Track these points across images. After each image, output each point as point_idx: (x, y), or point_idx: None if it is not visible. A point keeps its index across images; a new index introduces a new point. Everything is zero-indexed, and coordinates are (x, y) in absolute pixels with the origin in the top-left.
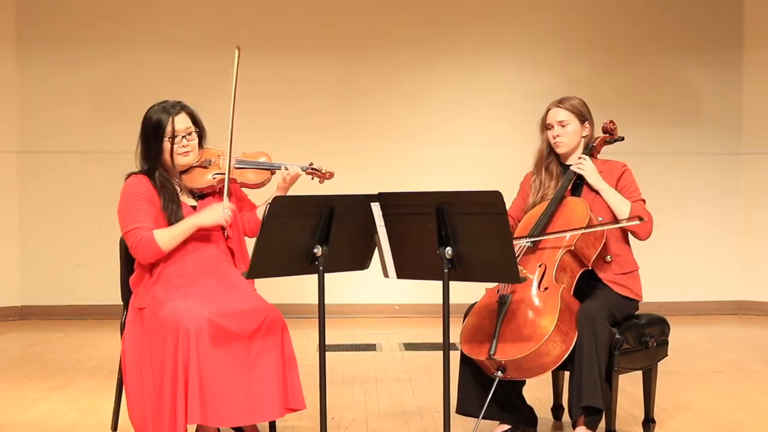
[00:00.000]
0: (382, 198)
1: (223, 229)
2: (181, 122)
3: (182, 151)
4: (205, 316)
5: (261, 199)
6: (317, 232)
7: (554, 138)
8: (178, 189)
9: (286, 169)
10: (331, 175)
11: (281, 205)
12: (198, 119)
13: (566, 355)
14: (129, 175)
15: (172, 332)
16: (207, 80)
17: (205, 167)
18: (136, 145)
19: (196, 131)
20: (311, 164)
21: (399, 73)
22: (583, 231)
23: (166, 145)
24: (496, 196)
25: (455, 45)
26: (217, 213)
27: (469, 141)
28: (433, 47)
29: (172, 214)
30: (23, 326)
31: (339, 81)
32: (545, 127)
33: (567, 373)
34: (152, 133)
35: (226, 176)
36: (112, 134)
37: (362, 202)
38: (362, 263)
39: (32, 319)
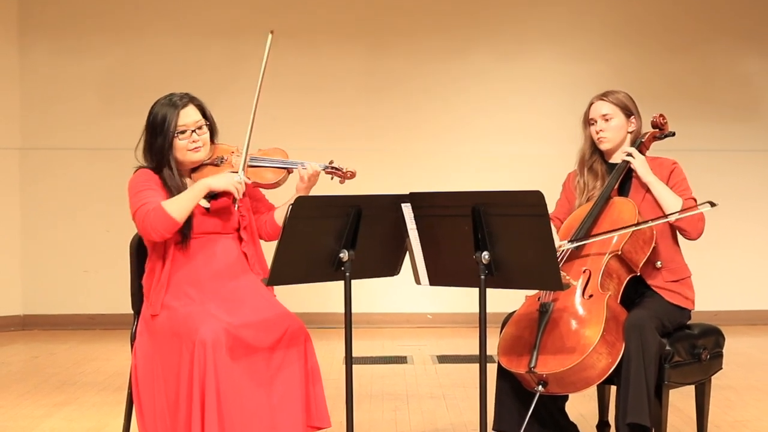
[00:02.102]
0: (414, 198)
1: (234, 200)
2: (190, 115)
3: (193, 146)
4: (222, 327)
5: (279, 201)
6: (343, 235)
7: (597, 133)
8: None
9: (304, 167)
10: (353, 174)
11: (304, 206)
12: (207, 112)
13: (612, 368)
14: (138, 168)
15: (187, 343)
16: (225, 72)
17: (217, 165)
18: (138, 141)
19: (206, 125)
20: (331, 162)
21: (431, 63)
22: (632, 229)
23: (175, 141)
24: (537, 197)
25: (492, 33)
26: (229, 177)
27: (507, 137)
28: (468, 36)
29: None
30: (26, 337)
31: (365, 72)
32: (588, 122)
33: (614, 388)
34: (158, 129)
35: (245, 149)
36: (122, 129)
37: (392, 202)
38: (392, 269)
39: (35, 329)
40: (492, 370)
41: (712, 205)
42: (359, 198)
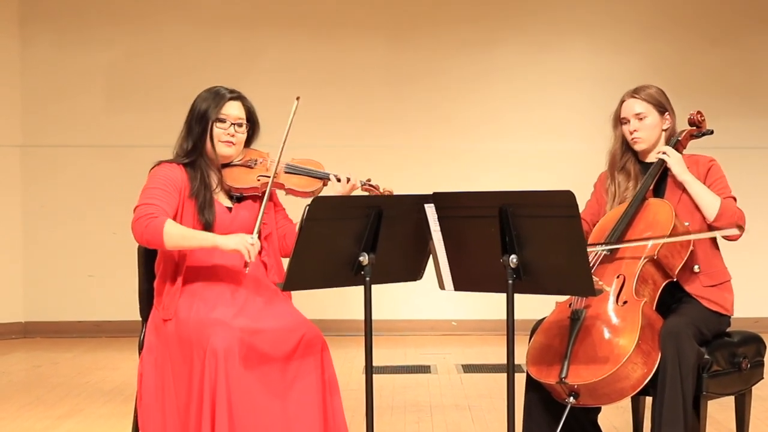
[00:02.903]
0: (438, 199)
1: (245, 264)
2: (235, 109)
3: (226, 138)
4: (235, 334)
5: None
6: (363, 238)
7: (631, 134)
8: (215, 184)
9: (346, 179)
10: (390, 194)
11: (322, 207)
12: (255, 116)
13: (648, 379)
14: (161, 162)
15: (198, 351)
16: (237, 65)
17: (250, 167)
18: (177, 135)
19: (247, 126)
20: (368, 180)
21: (456, 56)
22: (666, 240)
23: (214, 129)
24: (567, 197)
25: (521, 24)
26: (241, 239)
27: (537, 134)
28: (494, 26)
29: (205, 202)
30: (28, 345)
31: (386, 66)
32: (620, 121)
33: (649, 399)
34: (201, 114)
35: (278, 157)
36: (128, 126)
37: (415, 203)
38: (415, 273)
39: (38, 337)
40: (520, 380)
41: (740, 228)
42: (380, 198)
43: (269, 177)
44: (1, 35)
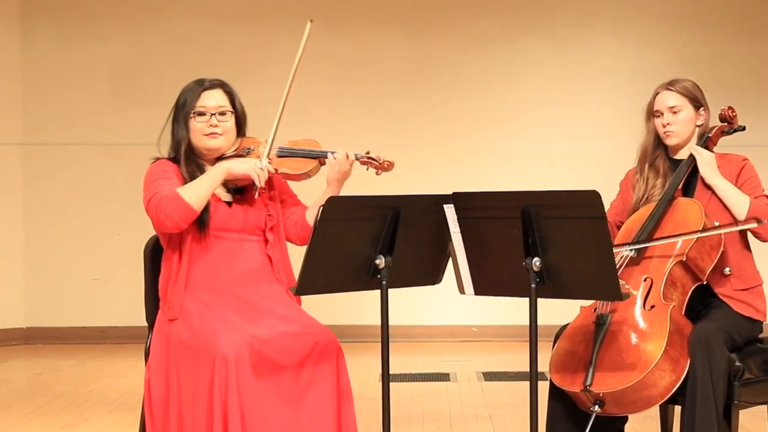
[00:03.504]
0: (458, 199)
1: (254, 186)
2: (214, 98)
3: (209, 131)
4: (244, 340)
5: (311, 199)
6: (380, 240)
7: (664, 127)
8: None
9: (345, 155)
10: (390, 165)
11: (337, 207)
12: (237, 101)
13: (676, 387)
14: (155, 160)
15: (206, 359)
16: (248, 60)
17: (242, 156)
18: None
19: (231, 112)
20: (368, 153)
21: (476, 50)
22: (697, 235)
23: (191, 122)
24: (593, 197)
25: (545, 16)
26: (250, 162)
27: (561, 131)
28: (518, 18)
29: None
30: (29, 352)
31: (403, 60)
32: (652, 114)
33: (678, 408)
34: (180, 109)
35: (271, 136)
36: (134, 123)
37: (433, 203)
38: (433, 277)
39: (39, 343)
40: (543, 388)
41: (758, 221)
42: (397, 198)
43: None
44: (2, 28)
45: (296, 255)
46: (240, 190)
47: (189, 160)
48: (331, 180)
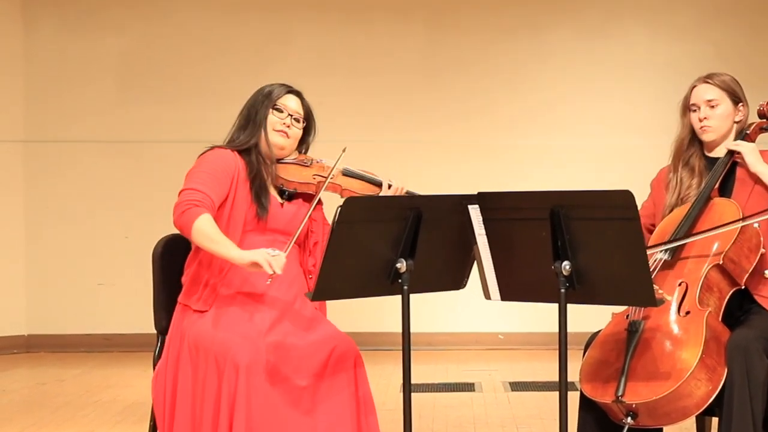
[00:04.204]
0: (483, 199)
1: (268, 276)
2: (293, 102)
3: (280, 127)
4: (260, 350)
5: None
6: (401, 243)
7: (701, 121)
8: (268, 179)
9: (398, 187)
10: None
11: (355, 208)
12: (312, 117)
13: (713, 397)
14: (211, 148)
15: (219, 365)
16: (263, 52)
17: (306, 165)
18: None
19: (304, 124)
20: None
21: (501, 42)
22: (738, 224)
23: (269, 117)
24: (626, 197)
25: (573, 7)
26: (260, 252)
27: (591, 128)
28: (544, 9)
29: (261, 187)
30: (31, 360)
31: (425, 53)
32: (689, 108)
33: (715, 420)
34: (261, 100)
35: (316, 198)
36: (142, 120)
37: (457, 204)
38: (457, 282)
39: (42, 351)
40: (573, 399)
41: None
42: (419, 199)
43: (326, 177)
44: (3, 19)
45: None
46: (292, 196)
47: (252, 152)
48: None
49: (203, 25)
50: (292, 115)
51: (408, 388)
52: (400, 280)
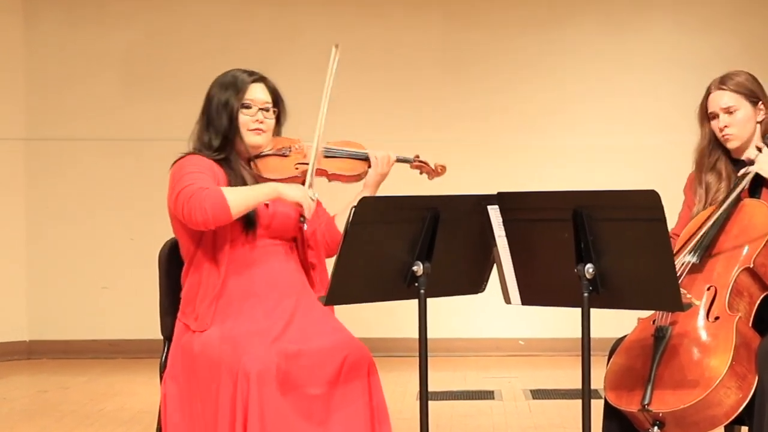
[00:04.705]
0: (503, 199)
1: (302, 218)
2: (259, 92)
3: (254, 126)
4: (271, 356)
5: (338, 205)
6: (417, 245)
7: (721, 130)
8: (249, 181)
9: (387, 158)
10: (444, 169)
11: (370, 209)
12: (280, 98)
13: (743, 405)
14: (184, 155)
15: (229, 373)
16: (272, 45)
17: (284, 155)
18: (194, 124)
19: (274, 111)
20: (417, 157)
21: (521, 36)
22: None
23: (240, 117)
24: (651, 197)
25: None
26: (303, 190)
27: (616, 125)
28: (568, 2)
29: None
30: (33, 367)
31: (442, 47)
32: (707, 116)
33: (745, 429)
34: (222, 102)
35: (312, 161)
36: (148, 116)
37: (476, 204)
38: (476, 285)
39: (44, 358)
40: (597, 407)
41: None
42: (436, 199)
43: (308, 163)
44: (3, 12)
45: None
46: None
47: (230, 159)
48: (369, 182)
49: (211, 19)
50: (262, 108)
51: (425, 396)
52: (416, 284)
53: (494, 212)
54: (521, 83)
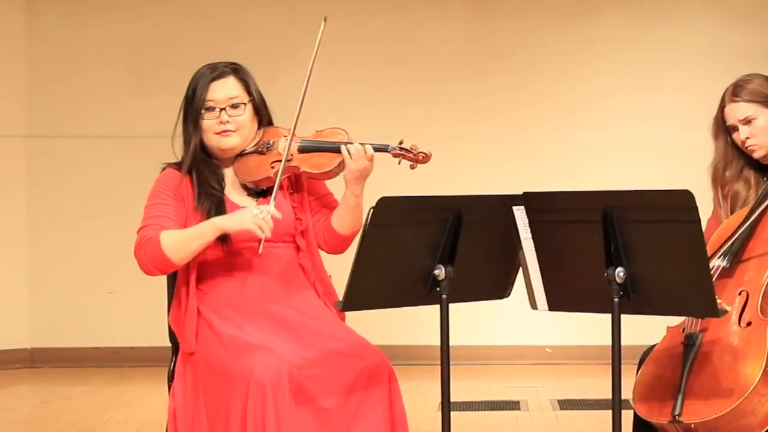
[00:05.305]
0: (529, 199)
1: (259, 242)
2: (224, 89)
3: (220, 128)
4: (282, 363)
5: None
6: (439, 247)
7: (743, 142)
8: (226, 183)
9: (362, 148)
10: (427, 157)
11: (389, 210)
12: (253, 88)
13: None
14: (165, 167)
15: (240, 384)
16: (288, 37)
17: (262, 153)
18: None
19: (246, 103)
20: (400, 143)
21: (550, 28)
22: None
23: (202, 121)
24: (685, 197)
25: None
26: (245, 215)
27: (647, 122)
28: None
29: (212, 210)
30: (34, 376)
31: (466, 39)
32: (725, 129)
33: None
34: (189, 103)
35: (281, 167)
36: (154, 112)
37: (501, 205)
38: (501, 290)
39: (46, 366)
40: (627, 418)
41: None
42: (459, 199)
43: (281, 161)
44: (4, 3)
45: (331, 263)
46: (262, 193)
47: (201, 164)
48: (346, 179)
49: (221, 9)
50: (225, 108)
51: (447, 406)
52: (438, 289)
53: (520, 213)
54: (547, 77)
